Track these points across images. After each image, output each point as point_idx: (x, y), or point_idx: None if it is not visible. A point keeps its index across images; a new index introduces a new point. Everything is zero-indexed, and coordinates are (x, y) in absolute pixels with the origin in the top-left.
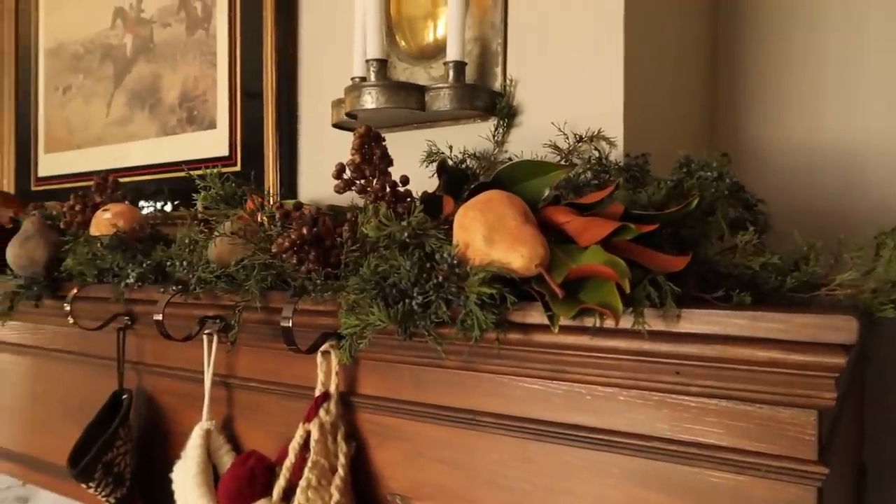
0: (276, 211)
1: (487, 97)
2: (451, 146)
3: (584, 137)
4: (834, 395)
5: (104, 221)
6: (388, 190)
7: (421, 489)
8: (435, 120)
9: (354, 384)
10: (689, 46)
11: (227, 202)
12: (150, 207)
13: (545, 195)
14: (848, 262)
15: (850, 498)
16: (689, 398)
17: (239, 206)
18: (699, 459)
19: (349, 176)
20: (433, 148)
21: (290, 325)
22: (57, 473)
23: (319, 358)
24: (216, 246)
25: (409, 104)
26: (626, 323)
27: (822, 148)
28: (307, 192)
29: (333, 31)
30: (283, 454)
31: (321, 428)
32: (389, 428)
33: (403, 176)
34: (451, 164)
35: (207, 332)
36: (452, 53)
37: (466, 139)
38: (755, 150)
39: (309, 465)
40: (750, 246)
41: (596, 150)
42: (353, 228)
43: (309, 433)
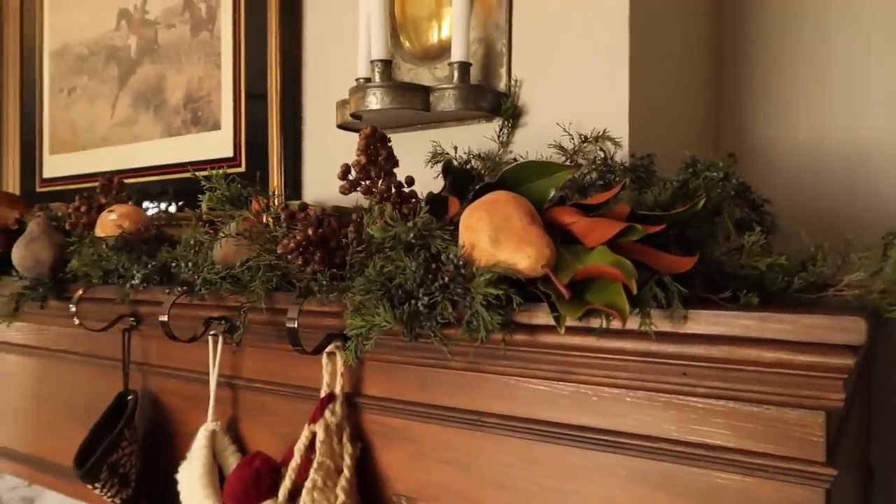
0: (281, 212)
1: (492, 98)
2: (455, 147)
3: (589, 138)
4: (842, 396)
5: (109, 222)
6: (393, 191)
7: (426, 490)
8: (439, 120)
9: (360, 385)
10: (693, 46)
11: (232, 203)
12: (154, 208)
13: (551, 196)
14: (855, 262)
15: (856, 499)
16: (695, 399)
17: (244, 207)
18: (706, 461)
19: (354, 177)
20: (438, 148)
21: (295, 325)
22: (62, 474)
23: (325, 359)
24: (221, 247)
25: (413, 105)
26: (632, 324)
27: (828, 148)
28: (311, 192)
29: (338, 32)
30: (288, 455)
31: (327, 429)
32: (395, 429)
33: (409, 177)
34: (456, 164)
35: (213, 333)
36: (457, 54)
37: (471, 140)
38: (761, 150)
39: (314, 466)
40: (757, 246)
41: (601, 150)
42: (358, 229)
43: (314, 434)
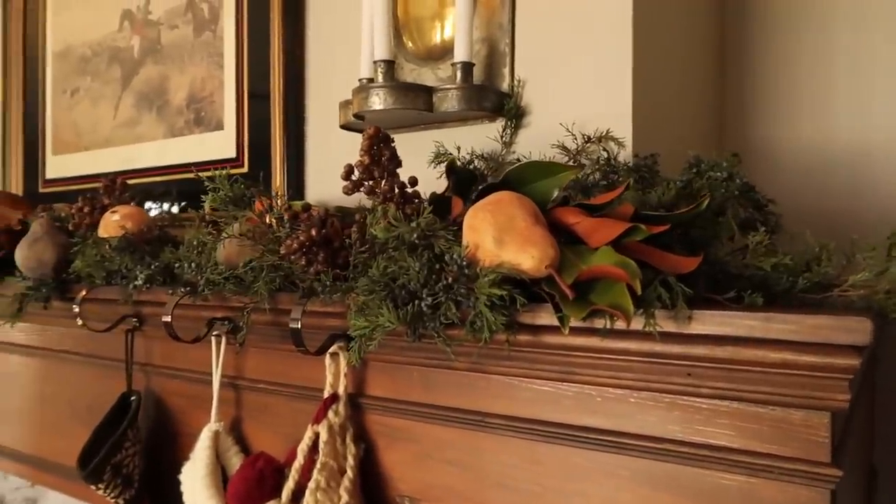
0: (284, 212)
1: (495, 98)
2: (458, 147)
3: (592, 138)
4: (848, 396)
5: (112, 223)
6: (396, 191)
7: (429, 491)
8: (442, 121)
9: (363, 386)
10: (697, 46)
11: (235, 204)
12: (157, 209)
13: (554, 196)
14: (860, 262)
15: (860, 500)
16: (700, 400)
17: (247, 207)
18: (710, 461)
19: (358, 177)
20: (441, 149)
21: (298, 326)
22: (66, 475)
23: (328, 359)
24: (225, 247)
25: (416, 105)
26: (636, 324)
27: (832, 148)
28: (314, 193)
29: (341, 32)
30: (291, 456)
31: (330, 429)
32: (398, 429)
33: (412, 177)
34: (459, 165)
35: (216, 333)
36: (460, 54)
37: (474, 140)
38: (764, 150)
39: (318, 466)
40: (761, 247)
41: (604, 150)
42: (361, 230)
43: (318, 435)
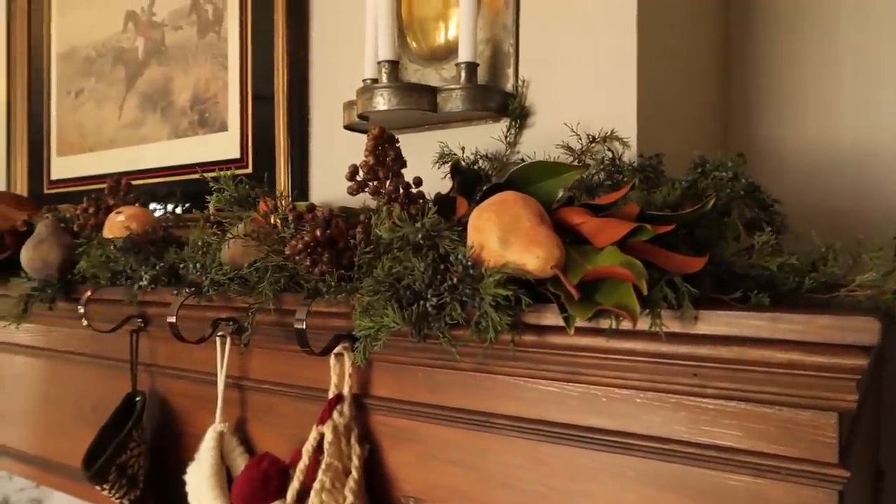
0: (289, 213)
1: (499, 98)
2: (462, 147)
3: (597, 138)
4: (855, 397)
5: (117, 224)
6: (401, 191)
7: (434, 491)
8: (447, 121)
9: (368, 386)
10: (701, 46)
11: (240, 204)
12: (162, 210)
13: (559, 196)
14: (867, 262)
15: (867, 501)
16: (706, 400)
17: (252, 208)
18: (717, 462)
19: (362, 177)
20: (445, 149)
21: (303, 327)
22: (71, 475)
23: (333, 360)
24: (229, 248)
25: (421, 105)
26: (642, 324)
27: (837, 147)
28: (318, 194)
29: (345, 33)
30: (296, 456)
31: (335, 430)
32: (403, 430)
33: (417, 177)
34: (463, 165)
35: (220, 334)
36: (464, 54)
37: (478, 140)
38: (769, 150)
39: (323, 467)
40: (767, 247)
41: (609, 150)
42: (366, 230)
43: (322, 435)
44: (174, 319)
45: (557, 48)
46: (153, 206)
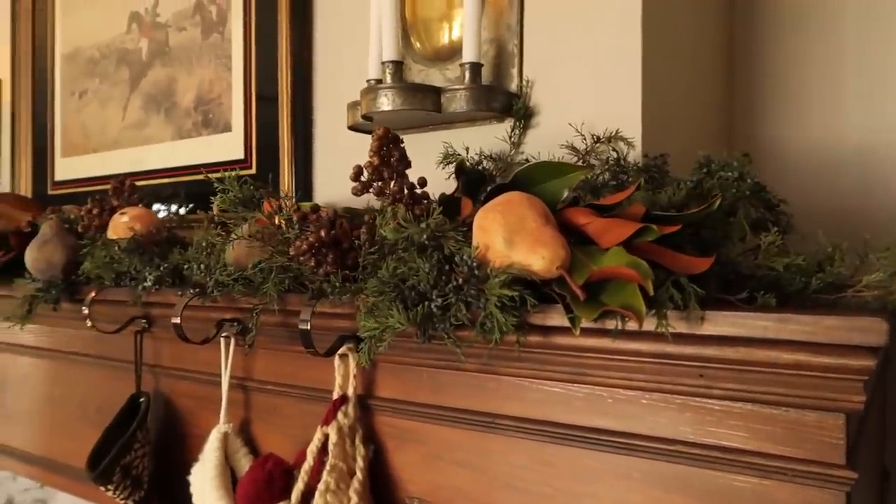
0: (293, 214)
1: (504, 98)
2: (467, 148)
3: (601, 138)
4: (863, 398)
5: (121, 225)
6: (405, 192)
7: (439, 492)
8: (451, 121)
9: (372, 387)
10: (705, 46)
11: (244, 205)
12: (165, 211)
13: (564, 196)
14: (874, 262)
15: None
16: (712, 401)
17: (256, 209)
18: (723, 463)
19: (367, 178)
20: (449, 149)
21: (308, 327)
22: (75, 476)
23: (337, 361)
24: (234, 249)
25: (425, 106)
26: (648, 325)
27: (843, 147)
28: (322, 194)
29: (348, 34)
30: (300, 457)
31: (339, 431)
32: (407, 431)
33: (421, 178)
34: (468, 165)
35: (225, 335)
36: (468, 55)
37: (482, 140)
38: (774, 150)
39: (327, 468)
40: (773, 247)
41: (614, 150)
42: (370, 231)
43: (327, 436)
44: (178, 320)
45: (562, 48)
46: (157, 206)
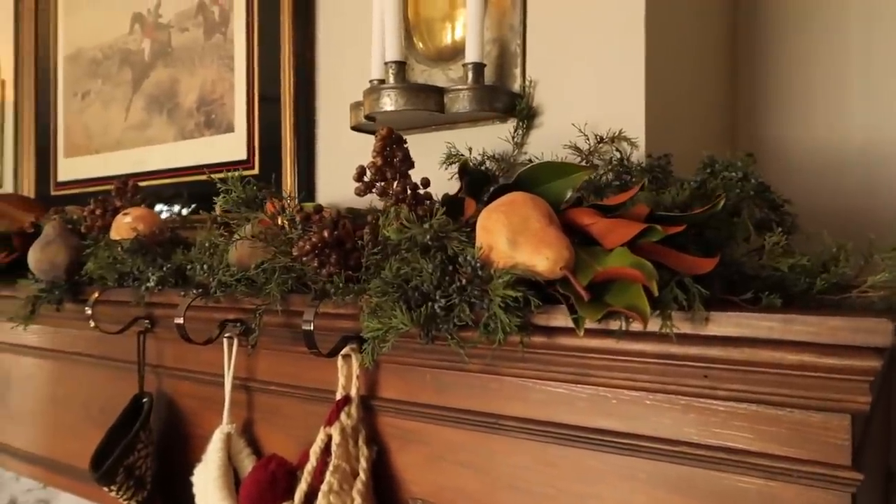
0: (296, 214)
1: (507, 98)
2: (470, 148)
3: (604, 138)
4: (869, 399)
5: (124, 225)
6: (408, 192)
7: (442, 493)
8: (454, 122)
9: (375, 387)
10: (709, 46)
11: (247, 205)
12: (168, 211)
13: (568, 197)
14: (879, 263)
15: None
16: (717, 402)
17: (259, 209)
18: (727, 464)
19: (370, 178)
20: (452, 150)
21: (311, 328)
22: (78, 476)
23: (340, 361)
24: (236, 249)
25: (428, 106)
26: (653, 326)
27: (847, 147)
28: (325, 195)
29: (351, 34)
30: (304, 458)
31: (342, 432)
32: (410, 432)
33: (424, 178)
34: (471, 165)
35: (228, 335)
36: (471, 55)
37: (485, 141)
38: (777, 150)
39: (330, 469)
40: (778, 247)
41: (617, 150)
42: (374, 231)
43: (330, 437)
44: (181, 321)
45: (565, 48)
46: (160, 207)
